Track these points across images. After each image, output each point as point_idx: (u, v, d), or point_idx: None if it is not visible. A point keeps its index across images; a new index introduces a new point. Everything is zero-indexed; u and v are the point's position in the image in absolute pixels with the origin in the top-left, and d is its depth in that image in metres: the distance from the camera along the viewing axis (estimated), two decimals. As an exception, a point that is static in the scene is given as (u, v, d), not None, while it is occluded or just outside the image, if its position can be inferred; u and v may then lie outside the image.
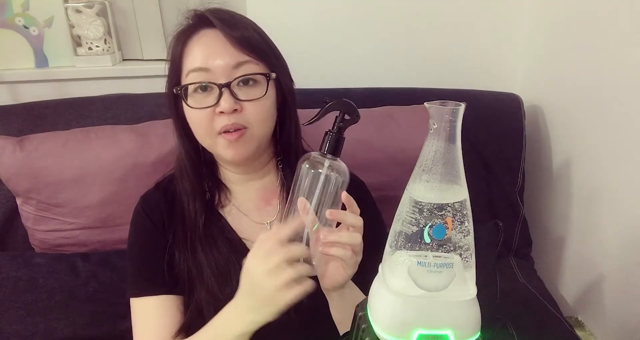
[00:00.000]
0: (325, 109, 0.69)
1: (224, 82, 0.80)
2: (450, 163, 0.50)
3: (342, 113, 0.70)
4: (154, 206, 0.92)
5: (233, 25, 0.83)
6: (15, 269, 1.13)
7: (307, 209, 0.69)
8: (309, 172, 0.69)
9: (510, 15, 1.48)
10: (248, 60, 0.82)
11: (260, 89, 0.83)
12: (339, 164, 0.70)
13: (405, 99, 1.33)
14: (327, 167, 0.69)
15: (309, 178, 0.69)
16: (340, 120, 0.70)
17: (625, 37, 1.11)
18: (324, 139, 0.70)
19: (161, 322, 0.87)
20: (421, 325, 0.50)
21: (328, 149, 0.69)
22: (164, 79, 0.91)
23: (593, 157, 1.24)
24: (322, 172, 0.69)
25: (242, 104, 0.81)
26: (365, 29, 1.48)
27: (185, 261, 0.88)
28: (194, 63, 0.82)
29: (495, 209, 1.35)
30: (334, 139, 0.69)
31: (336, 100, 0.69)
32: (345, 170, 0.70)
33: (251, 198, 0.94)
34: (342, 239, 0.69)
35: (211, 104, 0.81)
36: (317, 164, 0.69)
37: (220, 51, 0.81)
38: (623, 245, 1.15)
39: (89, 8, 1.46)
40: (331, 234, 0.69)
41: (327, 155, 0.69)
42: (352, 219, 0.69)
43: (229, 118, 0.80)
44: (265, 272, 0.68)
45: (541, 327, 1.13)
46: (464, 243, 0.51)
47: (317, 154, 0.70)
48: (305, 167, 0.69)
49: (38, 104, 1.31)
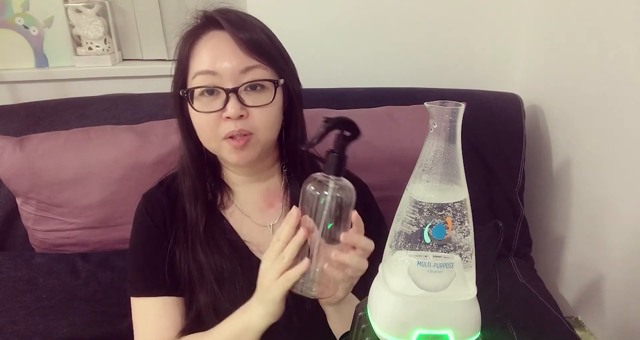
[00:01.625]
0: (325, 129, 0.66)
1: (231, 86, 0.79)
2: (450, 163, 0.50)
3: (342, 131, 0.68)
4: (156, 206, 0.91)
5: (242, 27, 0.81)
6: (15, 269, 1.13)
7: (310, 228, 0.68)
8: (314, 194, 0.68)
9: (510, 15, 1.48)
10: (257, 65, 0.81)
11: (268, 95, 0.82)
12: (344, 183, 0.68)
13: (405, 99, 1.32)
14: (332, 189, 0.67)
15: (315, 200, 0.68)
16: (342, 139, 0.68)
17: (625, 37, 1.11)
18: (326, 159, 0.68)
19: (161, 322, 0.87)
20: (421, 325, 0.50)
21: (332, 170, 0.67)
22: (164, 79, 0.91)
23: (593, 156, 1.24)
24: (327, 193, 0.67)
25: (248, 109, 0.80)
26: (365, 29, 1.48)
27: (186, 262, 0.88)
28: (202, 66, 0.81)
29: (495, 209, 1.35)
30: (337, 159, 0.67)
31: (335, 119, 0.67)
32: (352, 189, 0.68)
33: (254, 200, 0.93)
34: (352, 262, 0.68)
35: (217, 108, 0.80)
36: (323, 185, 0.67)
37: (228, 54, 0.80)
38: (623, 245, 1.15)
39: (89, 8, 1.46)
40: (341, 255, 0.68)
41: (331, 176, 0.67)
42: (365, 243, 0.69)
43: (235, 124, 0.79)
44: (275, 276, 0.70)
45: (541, 327, 1.13)
46: (464, 243, 0.51)
47: (321, 176, 0.68)
48: (311, 188, 0.68)
49: (38, 104, 1.31)
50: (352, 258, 0.68)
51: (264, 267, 0.72)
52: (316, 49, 1.46)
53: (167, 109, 1.27)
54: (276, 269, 0.69)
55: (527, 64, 1.50)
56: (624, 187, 1.14)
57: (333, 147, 0.68)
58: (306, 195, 0.68)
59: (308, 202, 0.68)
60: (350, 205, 0.68)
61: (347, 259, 0.68)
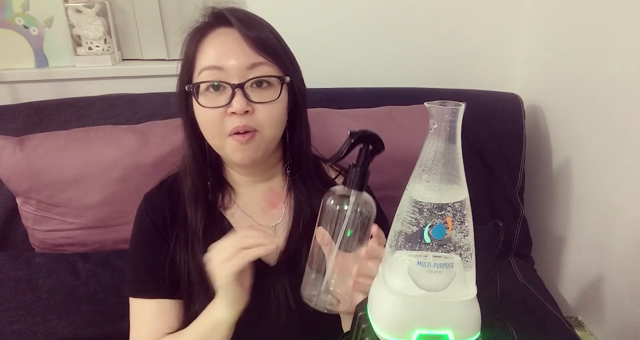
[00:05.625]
0: (351, 144, 0.65)
1: (237, 82, 0.79)
2: (450, 163, 0.50)
3: (366, 145, 0.67)
4: (156, 207, 0.91)
5: (250, 25, 0.82)
6: (15, 269, 1.13)
7: (326, 240, 0.68)
8: (335, 208, 0.67)
9: (510, 15, 1.48)
10: (263, 61, 0.81)
11: (274, 92, 0.82)
12: (365, 198, 0.67)
13: (405, 99, 1.32)
14: (353, 203, 0.66)
15: (336, 214, 0.67)
16: (366, 153, 0.67)
17: (626, 37, 1.11)
18: (349, 172, 0.67)
19: (156, 324, 0.87)
20: (421, 325, 0.50)
21: (354, 184, 0.66)
22: (164, 79, 0.91)
23: (593, 156, 1.24)
24: (348, 208, 0.66)
25: (254, 105, 0.80)
26: (365, 30, 1.48)
27: (186, 263, 0.88)
28: (208, 61, 0.81)
29: (495, 209, 1.35)
30: (360, 174, 0.66)
31: (361, 132, 0.66)
32: (372, 203, 0.68)
33: (256, 200, 0.93)
34: (373, 273, 0.68)
35: (223, 104, 0.80)
36: (343, 199, 0.66)
37: (235, 50, 0.80)
38: (623, 245, 1.15)
39: (89, 8, 1.46)
40: (362, 267, 0.68)
41: (352, 190, 0.66)
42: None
43: (240, 119, 0.79)
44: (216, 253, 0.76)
45: (541, 327, 1.13)
46: (464, 243, 0.51)
47: (342, 189, 0.67)
48: (331, 202, 0.67)
49: (38, 104, 1.31)
50: (372, 269, 0.68)
51: (210, 254, 0.76)
52: (316, 49, 1.46)
53: (167, 109, 1.28)
54: (221, 256, 0.74)
55: (527, 64, 1.50)
56: (624, 187, 1.14)
57: (356, 161, 0.67)
58: (327, 208, 0.67)
59: (328, 215, 0.67)
60: (371, 219, 0.68)
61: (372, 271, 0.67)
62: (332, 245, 0.67)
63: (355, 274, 0.68)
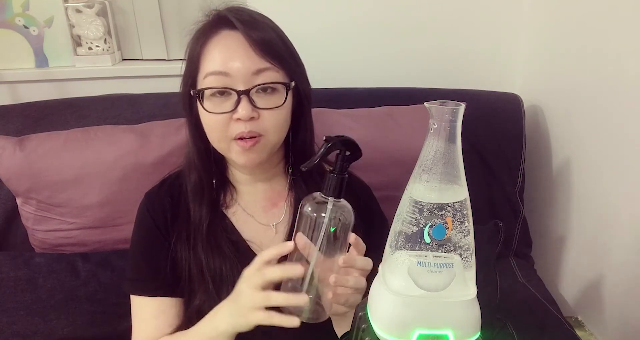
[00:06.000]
0: (326, 149, 0.65)
1: (243, 88, 0.79)
2: (450, 163, 0.50)
3: (343, 151, 0.66)
4: (157, 206, 0.91)
5: (254, 26, 0.81)
6: (15, 269, 1.13)
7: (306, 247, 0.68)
8: (312, 215, 0.66)
9: (510, 15, 1.48)
10: (269, 67, 0.80)
11: (279, 98, 0.81)
12: (342, 204, 0.67)
13: (405, 99, 1.32)
14: (330, 210, 0.66)
15: (313, 221, 0.66)
16: (342, 160, 0.66)
17: (625, 37, 1.10)
18: (326, 179, 0.66)
19: (156, 322, 0.87)
20: (421, 325, 0.50)
21: (331, 191, 0.66)
22: (164, 79, 0.91)
23: (593, 156, 1.24)
24: (325, 215, 0.66)
25: (259, 111, 0.80)
26: (366, 30, 1.48)
27: (187, 261, 0.88)
28: (213, 66, 0.80)
29: (495, 209, 1.34)
30: (337, 180, 0.66)
31: (336, 138, 0.65)
32: (350, 210, 0.67)
33: (258, 199, 0.93)
34: (349, 284, 0.69)
35: (228, 109, 0.79)
36: (321, 206, 0.66)
37: (240, 55, 0.79)
38: (623, 245, 1.15)
39: (89, 8, 1.46)
40: (340, 278, 0.68)
41: (329, 197, 0.66)
42: (362, 263, 0.70)
43: (245, 125, 0.79)
44: (250, 287, 0.72)
45: (541, 327, 1.13)
46: (464, 243, 0.51)
47: (320, 196, 0.66)
48: (309, 209, 0.67)
49: (38, 104, 1.31)
50: (347, 280, 0.69)
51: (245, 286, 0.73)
52: (316, 49, 1.45)
53: (167, 109, 1.28)
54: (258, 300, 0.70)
55: (527, 64, 1.50)
56: (624, 186, 1.14)
57: (332, 167, 0.66)
58: (304, 215, 0.67)
59: (306, 222, 0.67)
60: (349, 226, 0.68)
61: (343, 281, 0.68)
62: (311, 252, 0.67)
63: (333, 282, 0.67)
